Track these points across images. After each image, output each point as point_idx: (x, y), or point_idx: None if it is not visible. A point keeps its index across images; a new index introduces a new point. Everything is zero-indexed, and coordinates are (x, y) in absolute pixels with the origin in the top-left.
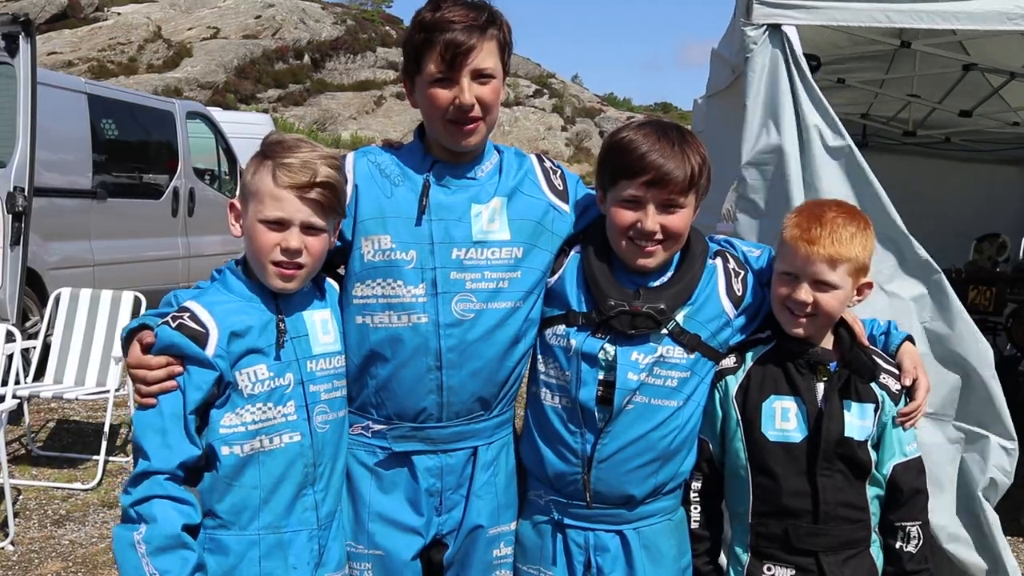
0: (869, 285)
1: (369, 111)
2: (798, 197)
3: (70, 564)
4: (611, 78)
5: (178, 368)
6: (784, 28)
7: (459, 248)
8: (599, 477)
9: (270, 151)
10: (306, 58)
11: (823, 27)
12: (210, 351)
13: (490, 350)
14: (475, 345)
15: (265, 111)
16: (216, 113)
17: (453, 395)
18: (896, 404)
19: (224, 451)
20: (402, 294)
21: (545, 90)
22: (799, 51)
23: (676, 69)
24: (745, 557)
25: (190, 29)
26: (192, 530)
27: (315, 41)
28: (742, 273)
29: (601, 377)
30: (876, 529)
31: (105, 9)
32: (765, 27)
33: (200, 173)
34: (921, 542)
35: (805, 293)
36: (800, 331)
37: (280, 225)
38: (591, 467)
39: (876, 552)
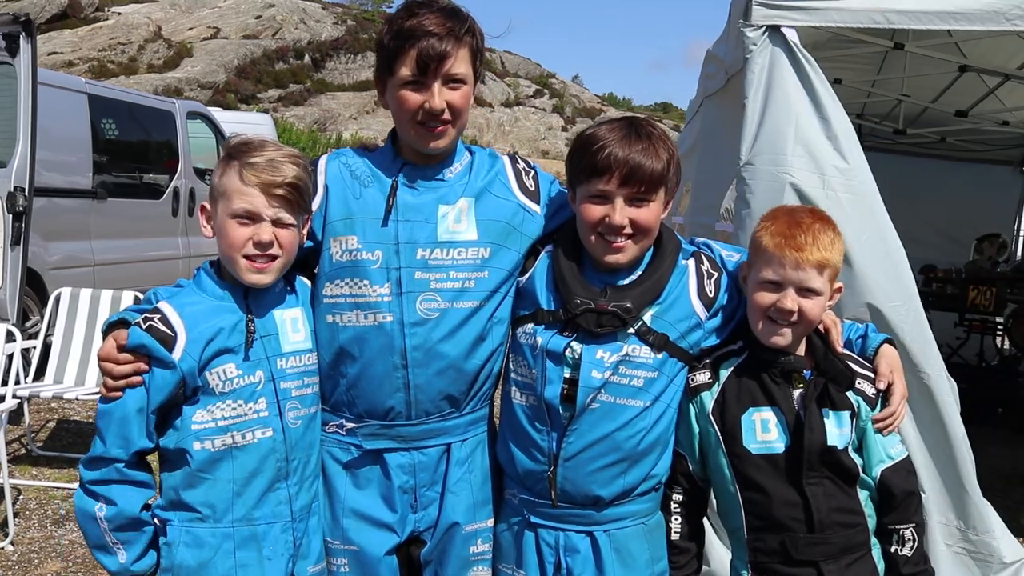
0: (839, 289)
1: (369, 111)
2: (795, 198)
3: (70, 564)
4: (613, 78)
5: (144, 366)
6: (783, 30)
7: (423, 248)
8: (565, 476)
9: (235, 152)
10: (306, 58)
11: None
12: (176, 354)
13: (455, 349)
14: (440, 344)
15: (265, 111)
16: (216, 113)
17: (420, 393)
18: (872, 409)
19: (196, 446)
20: (368, 293)
21: (545, 90)
22: (802, 49)
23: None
24: (746, 574)
25: (190, 29)
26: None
27: (315, 41)
28: (716, 275)
29: (567, 375)
30: (874, 532)
31: (105, 9)
32: (764, 28)
33: (200, 173)
34: (917, 544)
35: (791, 301)
36: (782, 340)
37: (250, 219)
38: (557, 465)
39: (877, 556)
